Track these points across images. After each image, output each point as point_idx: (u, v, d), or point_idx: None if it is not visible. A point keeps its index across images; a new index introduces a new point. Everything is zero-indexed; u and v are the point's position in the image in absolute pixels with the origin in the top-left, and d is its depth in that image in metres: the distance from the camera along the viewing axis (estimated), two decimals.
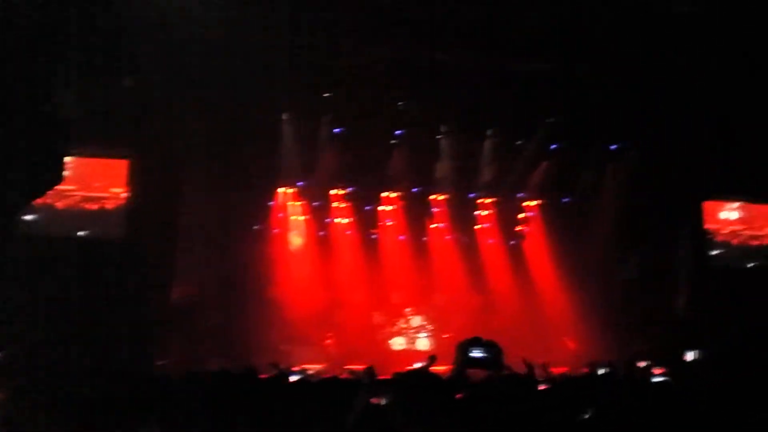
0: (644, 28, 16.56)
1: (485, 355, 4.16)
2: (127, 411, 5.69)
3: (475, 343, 4.19)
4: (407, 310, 21.53)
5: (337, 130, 20.48)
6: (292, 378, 10.80)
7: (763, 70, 16.84)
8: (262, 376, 7.39)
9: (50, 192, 16.77)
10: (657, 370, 12.03)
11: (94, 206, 18.53)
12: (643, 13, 16.34)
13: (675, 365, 12.87)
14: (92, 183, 18.56)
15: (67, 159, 15.47)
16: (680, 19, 16.34)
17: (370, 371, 9.73)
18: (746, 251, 22.18)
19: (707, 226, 21.89)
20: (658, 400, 6.20)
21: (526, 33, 16.95)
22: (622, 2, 16.36)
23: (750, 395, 5.95)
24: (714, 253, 21.91)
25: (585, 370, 13.20)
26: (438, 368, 17.69)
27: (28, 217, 17.10)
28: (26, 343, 12.99)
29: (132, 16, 15.74)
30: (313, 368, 16.34)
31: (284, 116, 20.14)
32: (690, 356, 16.32)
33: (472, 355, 4.14)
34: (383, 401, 5.55)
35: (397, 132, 20.91)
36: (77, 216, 18.29)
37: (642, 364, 11.35)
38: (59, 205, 18.12)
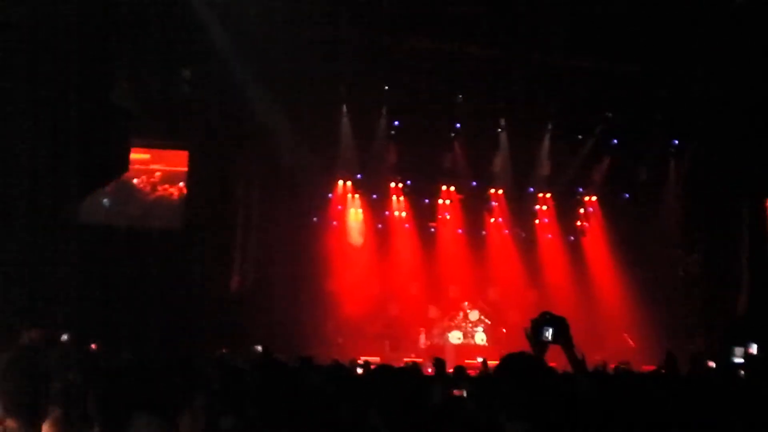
0: (702, 24, 16.32)
1: (555, 336, 4.08)
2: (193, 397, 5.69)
3: (544, 324, 4.10)
4: (465, 303, 21.42)
5: (395, 122, 20.49)
6: (358, 370, 10.84)
7: None
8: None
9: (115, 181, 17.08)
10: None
11: (152, 195, 18.77)
12: (699, 9, 16.12)
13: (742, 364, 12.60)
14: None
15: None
16: (735, 14, 16.08)
17: (439, 362, 9.74)
18: None
19: None
20: (724, 399, 6.08)
21: (588, 29, 16.81)
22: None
23: None
24: None
25: (648, 367, 13.04)
26: (494, 362, 17.68)
27: (92, 206, 17.35)
28: (87, 327, 13.15)
29: (190, 11, 15.95)
30: (371, 360, 16.33)
31: (343, 108, 20.17)
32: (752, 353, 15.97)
33: (545, 338, 4.06)
34: (464, 393, 5.57)
35: (456, 125, 20.81)
36: (138, 205, 18.54)
37: (711, 364, 11.13)
38: (121, 194, 18.35)
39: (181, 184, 18.88)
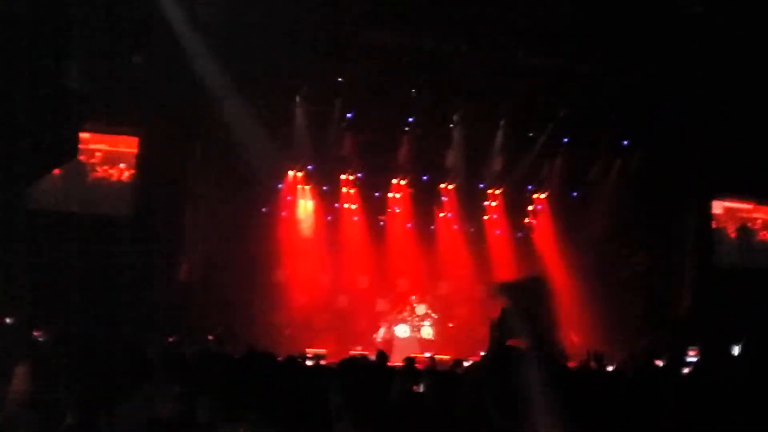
0: (656, 28, 16.57)
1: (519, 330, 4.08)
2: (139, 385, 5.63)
3: (509, 317, 4.09)
4: (412, 297, 21.41)
5: (348, 114, 20.41)
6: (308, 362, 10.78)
7: None
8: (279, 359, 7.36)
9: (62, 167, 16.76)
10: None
11: (102, 181, 18.48)
12: (654, 13, 16.34)
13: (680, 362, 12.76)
14: None
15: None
16: (689, 20, 16.35)
17: (382, 356, 9.71)
18: (753, 250, 22.24)
19: (714, 224, 22.03)
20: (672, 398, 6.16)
21: (540, 28, 16.95)
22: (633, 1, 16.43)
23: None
24: (720, 252, 21.99)
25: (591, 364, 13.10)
26: (441, 357, 17.80)
27: (38, 191, 17.03)
28: (32, 317, 12.92)
29: None
30: (317, 353, 16.32)
31: (297, 99, 20.02)
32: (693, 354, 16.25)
33: (509, 332, 4.06)
34: (421, 388, 5.57)
35: (409, 119, 20.80)
36: (86, 191, 18.23)
37: (659, 362, 11.22)
38: (69, 179, 18.01)
39: (122, 165, 18.61)
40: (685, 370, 11.99)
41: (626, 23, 16.55)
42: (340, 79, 19.54)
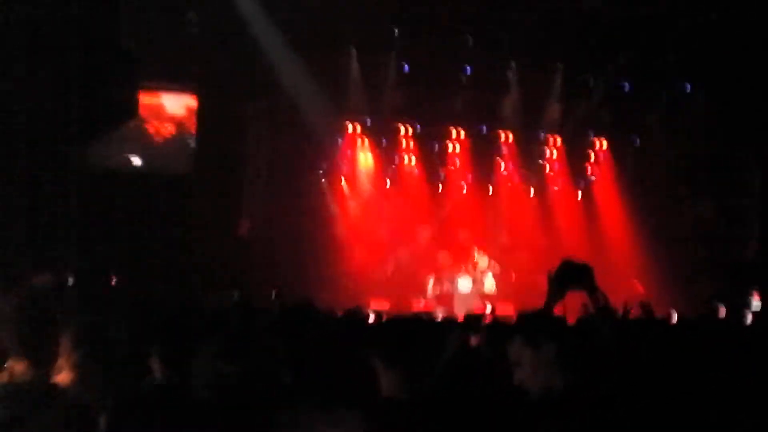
0: None
1: (579, 282, 4.01)
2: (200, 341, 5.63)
3: (571, 272, 4.02)
4: (474, 249, 21.22)
5: (404, 66, 20.24)
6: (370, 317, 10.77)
7: None
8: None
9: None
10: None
11: (161, 139, 18.64)
12: None
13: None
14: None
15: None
16: None
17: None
18: None
19: None
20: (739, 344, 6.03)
21: None
22: None
23: None
24: None
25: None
26: (504, 309, 17.71)
27: (95, 150, 17.24)
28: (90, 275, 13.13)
29: None
30: (378, 309, 16.33)
31: (352, 52, 19.91)
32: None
33: (568, 285, 3.99)
34: (479, 342, 5.51)
35: (466, 68, 20.53)
36: (144, 149, 18.42)
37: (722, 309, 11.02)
38: (127, 137, 18.18)
39: (182, 123, 18.75)
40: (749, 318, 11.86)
41: None
42: (396, 30, 19.37)
